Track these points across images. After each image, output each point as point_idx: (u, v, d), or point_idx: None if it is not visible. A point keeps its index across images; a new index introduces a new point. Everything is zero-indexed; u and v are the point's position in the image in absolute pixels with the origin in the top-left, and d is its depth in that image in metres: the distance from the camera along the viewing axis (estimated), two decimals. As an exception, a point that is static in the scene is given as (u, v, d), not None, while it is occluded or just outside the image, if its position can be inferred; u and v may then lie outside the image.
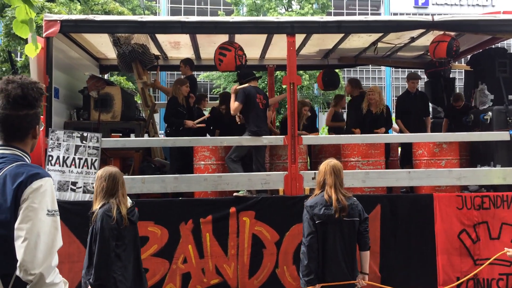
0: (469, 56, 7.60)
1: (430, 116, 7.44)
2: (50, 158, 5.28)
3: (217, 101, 7.91)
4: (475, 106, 6.57)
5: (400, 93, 7.82)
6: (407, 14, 28.97)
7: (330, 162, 3.93)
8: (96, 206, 3.65)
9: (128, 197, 3.81)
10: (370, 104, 6.72)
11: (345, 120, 7.91)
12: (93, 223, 3.60)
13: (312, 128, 7.44)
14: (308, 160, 6.80)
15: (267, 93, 8.34)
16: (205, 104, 7.74)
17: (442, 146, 5.90)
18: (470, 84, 7.21)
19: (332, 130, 8.14)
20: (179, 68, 7.20)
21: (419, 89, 7.30)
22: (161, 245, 5.32)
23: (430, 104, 7.73)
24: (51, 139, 5.29)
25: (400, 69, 27.75)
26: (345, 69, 21.91)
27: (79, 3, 15.58)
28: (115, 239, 3.54)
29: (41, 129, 2.22)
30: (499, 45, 7.38)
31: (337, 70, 19.40)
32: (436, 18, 5.77)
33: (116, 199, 3.63)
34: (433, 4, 32.63)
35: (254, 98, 5.85)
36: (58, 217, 2.00)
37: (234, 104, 5.80)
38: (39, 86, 2.07)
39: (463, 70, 7.79)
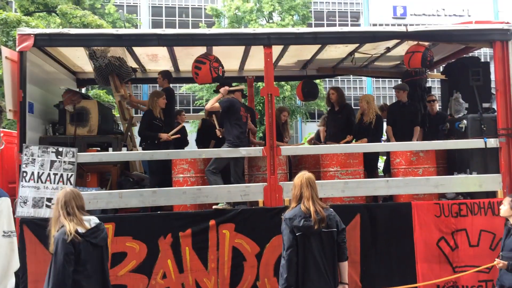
0: (444, 65, 7.73)
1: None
2: (25, 174, 5.18)
3: (201, 113, 7.89)
4: (450, 114, 6.66)
5: (381, 103, 7.85)
6: (386, 24, 29.47)
7: (304, 175, 3.93)
8: (54, 232, 3.43)
9: (92, 217, 3.62)
10: (363, 113, 6.81)
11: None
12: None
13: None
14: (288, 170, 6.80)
15: (247, 104, 8.36)
16: (183, 119, 7.68)
17: (419, 154, 5.96)
18: (445, 93, 7.32)
19: None
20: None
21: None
22: (140, 261, 5.24)
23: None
24: (25, 154, 5.19)
25: (380, 79, 28.14)
26: (327, 79, 22.16)
27: (57, 17, 15.48)
28: (73, 265, 3.31)
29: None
30: (475, 53, 7.52)
31: (318, 81, 19.57)
32: (410, 28, 5.86)
33: (73, 218, 3.42)
34: (411, 15, 33.22)
35: (238, 110, 5.88)
36: (15, 238, 1.94)
37: (215, 104, 5.85)
38: None
39: (440, 80, 7.90)
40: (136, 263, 5.22)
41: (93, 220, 3.59)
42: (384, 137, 7.44)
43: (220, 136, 6.12)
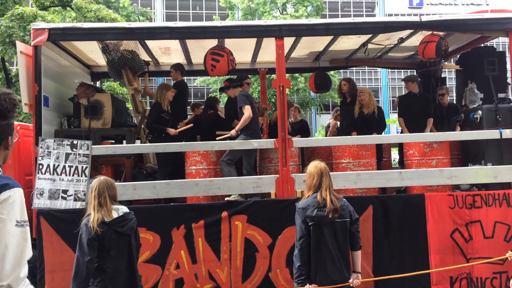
0: (458, 56, 7.62)
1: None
2: (41, 166, 5.28)
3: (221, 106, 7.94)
4: (465, 105, 6.56)
5: (397, 94, 7.78)
6: (401, 15, 29.05)
7: (320, 164, 3.90)
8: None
9: (122, 207, 3.74)
10: (362, 105, 6.74)
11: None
12: None
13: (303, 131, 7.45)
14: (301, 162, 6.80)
15: (260, 97, 8.38)
16: (199, 112, 7.71)
17: (433, 145, 5.90)
18: (461, 84, 7.22)
19: None
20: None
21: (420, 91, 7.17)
22: (154, 251, 5.31)
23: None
24: (41, 147, 5.29)
25: (396, 70, 27.82)
26: (341, 71, 22.01)
27: (72, 11, 15.64)
28: (97, 251, 3.49)
29: (14, 140, 2.20)
30: (488, 44, 7.39)
31: (332, 72, 19.44)
32: (424, 18, 5.78)
33: (102, 209, 3.58)
34: (427, 4, 32.75)
35: (253, 102, 5.91)
36: (28, 228, 1.98)
37: (245, 110, 5.73)
38: (12, 97, 2.05)
39: (455, 70, 7.79)
40: (150, 254, 5.29)
41: (122, 210, 3.70)
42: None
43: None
